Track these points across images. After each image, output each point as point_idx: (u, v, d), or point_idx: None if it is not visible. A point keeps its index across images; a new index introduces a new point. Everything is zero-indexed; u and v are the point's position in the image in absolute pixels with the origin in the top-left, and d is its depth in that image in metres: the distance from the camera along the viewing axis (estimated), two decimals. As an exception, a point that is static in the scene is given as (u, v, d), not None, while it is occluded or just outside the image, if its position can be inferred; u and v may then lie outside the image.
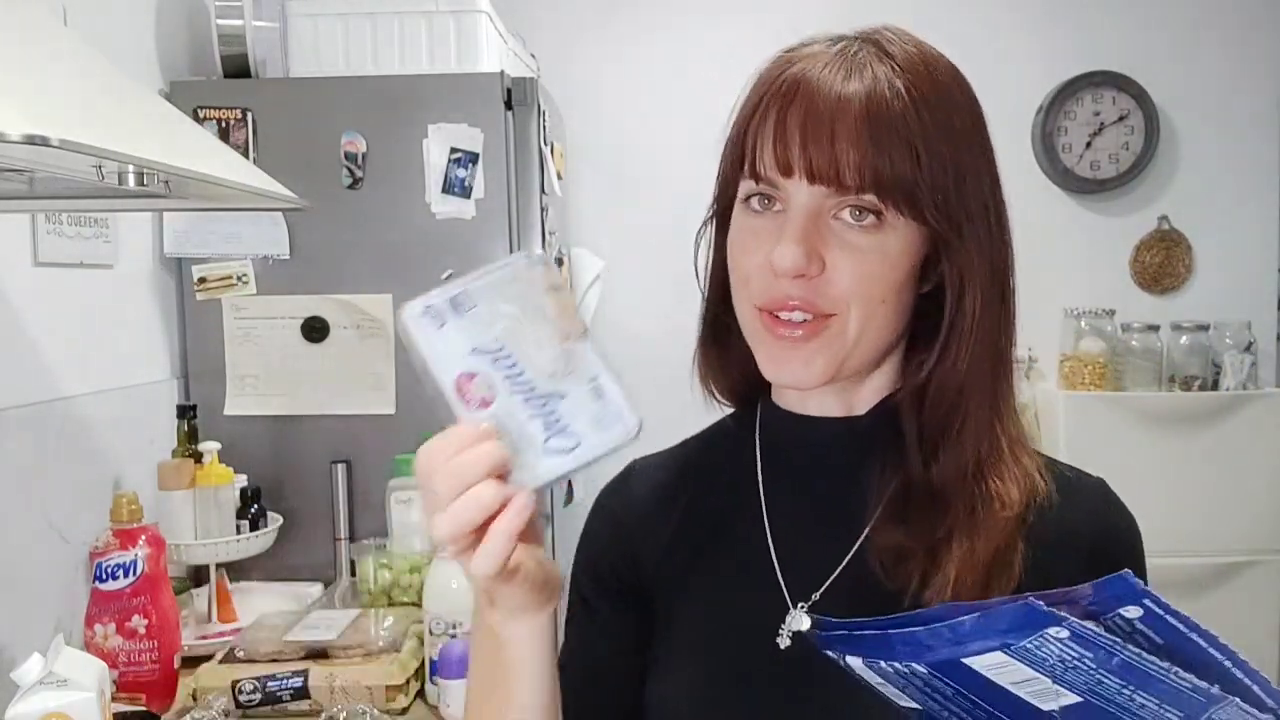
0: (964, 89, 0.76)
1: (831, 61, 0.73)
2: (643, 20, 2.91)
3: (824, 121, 0.70)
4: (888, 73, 0.72)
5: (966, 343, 0.74)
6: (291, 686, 1.42)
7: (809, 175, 0.71)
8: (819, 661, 0.70)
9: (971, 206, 0.73)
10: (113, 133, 0.90)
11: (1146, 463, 2.80)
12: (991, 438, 0.75)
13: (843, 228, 0.72)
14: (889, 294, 0.73)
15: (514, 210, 1.98)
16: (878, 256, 0.72)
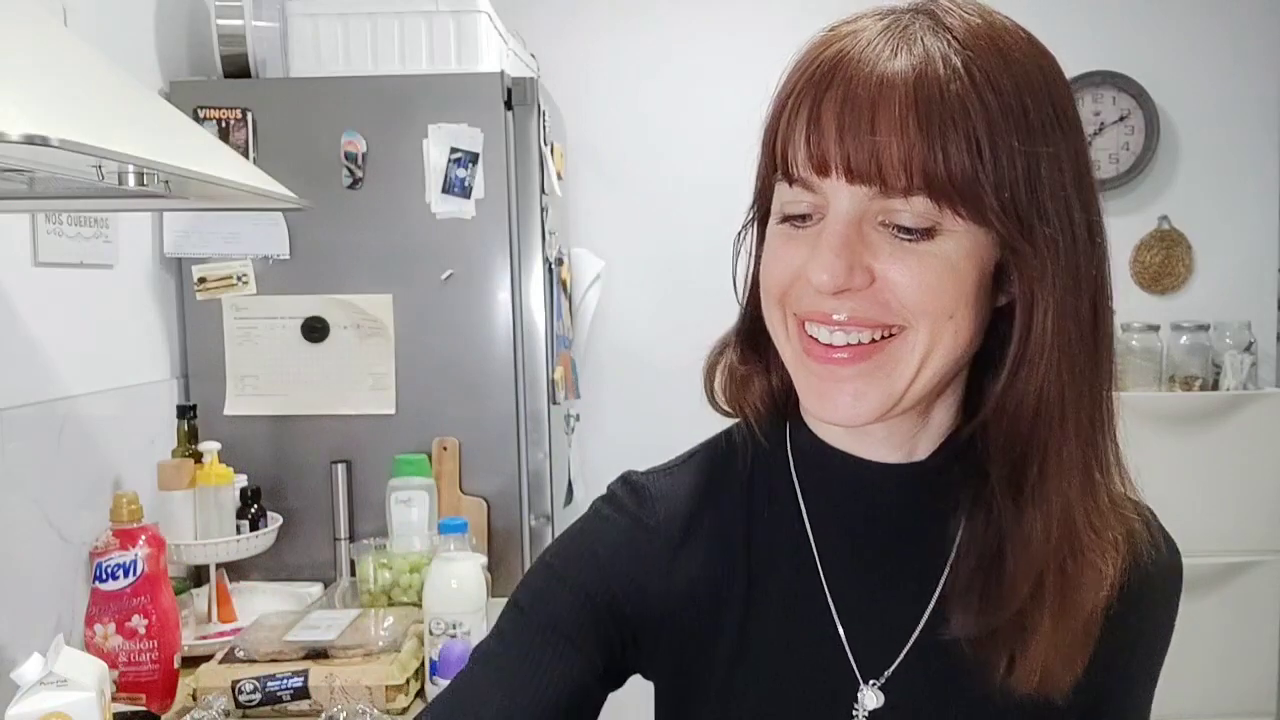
0: (1044, 66, 0.62)
1: (876, 38, 0.60)
2: (643, 20, 2.91)
3: (863, 109, 0.58)
4: (943, 47, 0.59)
5: (1039, 366, 0.62)
6: (291, 686, 1.42)
7: (847, 173, 0.59)
8: None
9: (1048, 207, 0.60)
10: (113, 133, 0.90)
11: (1146, 463, 2.79)
12: (1084, 480, 0.64)
13: (891, 235, 0.60)
14: (958, 307, 0.61)
15: (514, 210, 1.98)
16: (938, 262, 0.60)
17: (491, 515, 2.01)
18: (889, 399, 0.63)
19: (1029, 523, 0.63)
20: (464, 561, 1.52)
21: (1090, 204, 0.63)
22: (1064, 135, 0.62)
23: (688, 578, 0.72)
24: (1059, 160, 0.61)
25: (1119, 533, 0.66)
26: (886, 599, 0.68)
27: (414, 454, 1.94)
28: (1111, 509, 0.65)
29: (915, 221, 0.60)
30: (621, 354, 2.88)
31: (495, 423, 2.01)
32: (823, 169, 0.60)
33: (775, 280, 0.64)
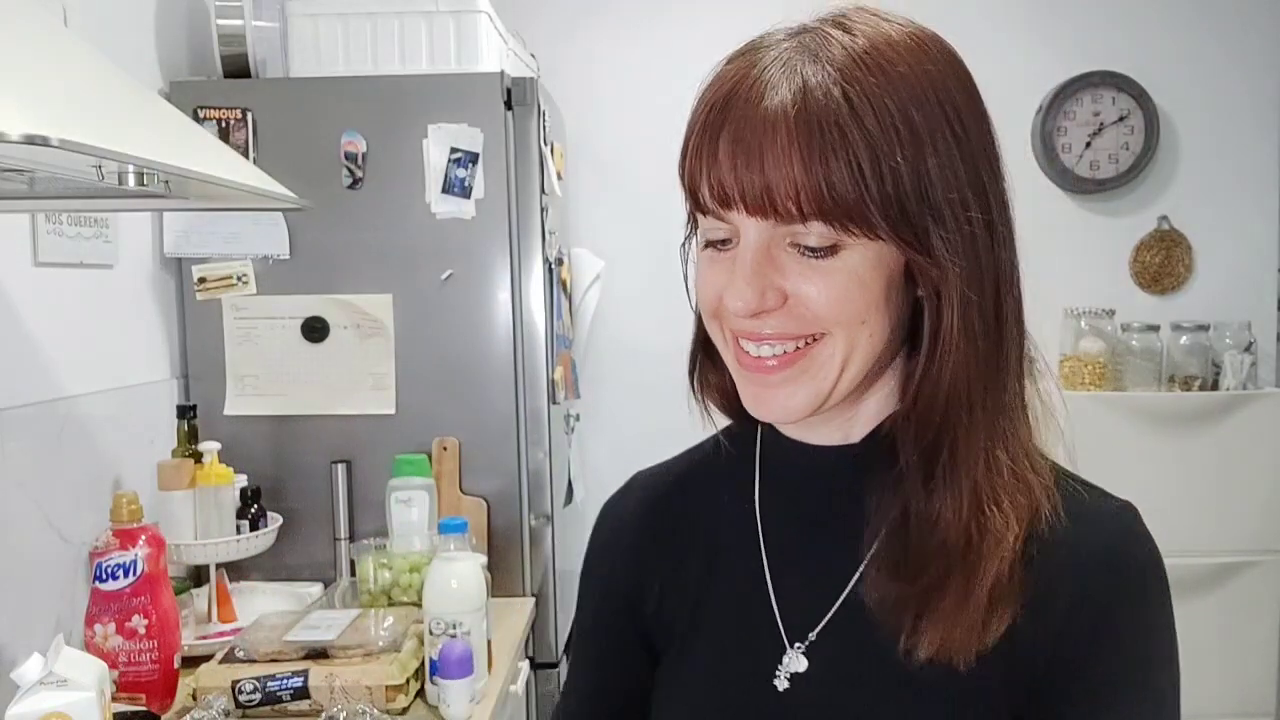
0: (933, 73, 0.66)
1: (762, 74, 0.65)
2: (643, 20, 2.91)
3: (752, 147, 0.63)
4: (822, 77, 0.63)
5: (949, 360, 0.66)
6: (291, 686, 1.42)
7: (746, 208, 0.64)
8: (817, 704, 0.71)
9: (943, 212, 0.64)
10: (113, 133, 0.90)
11: (1146, 463, 2.80)
12: (988, 460, 0.68)
13: (799, 255, 0.65)
14: (869, 313, 0.66)
15: (514, 210, 1.98)
16: (844, 276, 0.65)
17: (491, 515, 2.01)
18: (818, 397, 0.68)
19: (937, 501, 0.68)
20: (464, 561, 1.52)
21: (986, 200, 0.67)
22: (956, 138, 0.65)
23: (671, 561, 0.81)
24: (952, 164, 0.65)
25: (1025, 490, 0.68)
26: (817, 571, 0.73)
27: (414, 454, 1.94)
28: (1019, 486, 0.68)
29: (818, 242, 0.64)
30: (621, 354, 2.88)
31: (495, 423, 2.01)
32: (725, 204, 0.65)
33: (706, 301, 0.70)
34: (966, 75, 0.69)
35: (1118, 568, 0.69)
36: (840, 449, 0.74)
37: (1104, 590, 0.68)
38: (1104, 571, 0.68)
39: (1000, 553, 0.66)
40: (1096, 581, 0.68)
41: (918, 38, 0.68)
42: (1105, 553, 0.69)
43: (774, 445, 0.78)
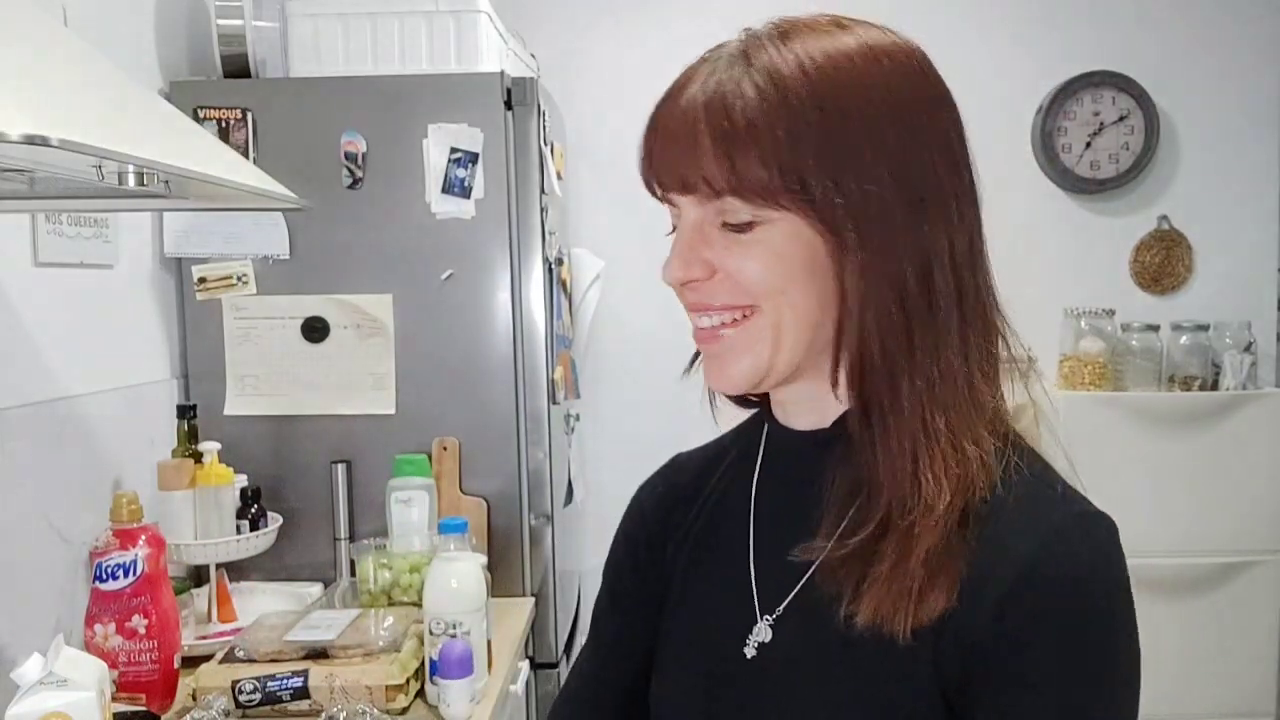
0: (861, 74, 0.70)
1: (689, 74, 0.73)
2: (643, 20, 2.91)
3: (673, 136, 0.72)
4: (739, 75, 0.70)
5: (857, 327, 0.71)
6: (291, 686, 1.42)
7: (674, 188, 0.73)
8: (777, 675, 0.75)
9: (849, 189, 0.69)
10: (113, 133, 0.90)
11: (1146, 463, 2.80)
12: (926, 427, 0.70)
13: (725, 232, 0.72)
14: (788, 285, 0.71)
15: (514, 210, 1.98)
16: (761, 249, 0.71)
17: (491, 515, 2.01)
18: (758, 368, 0.74)
19: (881, 470, 0.71)
20: (464, 561, 1.52)
21: (909, 180, 0.70)
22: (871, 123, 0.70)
23: (682, 532, 0.88)
24: (864, 146, 0.69)
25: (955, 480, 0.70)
26: (791, 547, 0.77)
27: (414, 454, 1.94)
28: (956, 456, 0.70)
29: (736, 218, 0.71)
30: (621, 354, 2.88)
31: (495, 423, 2.01)
32: (664, 188, 0.74)
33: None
34: (914, 76, 0.73)
35: (1054, 579, 0.66)
36: (814, 433, 0.79)
37: (1037, 598, 0.66)
38: (1039, 579, 0.66)
39: (932, 520, 0.68)
40: (1031, 587, 0.66)
41: (862, 47, 0.72)
42: (1045, 560, 0.67)
43: (773, 430, 0.84)
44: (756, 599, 0.79)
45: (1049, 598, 0.66)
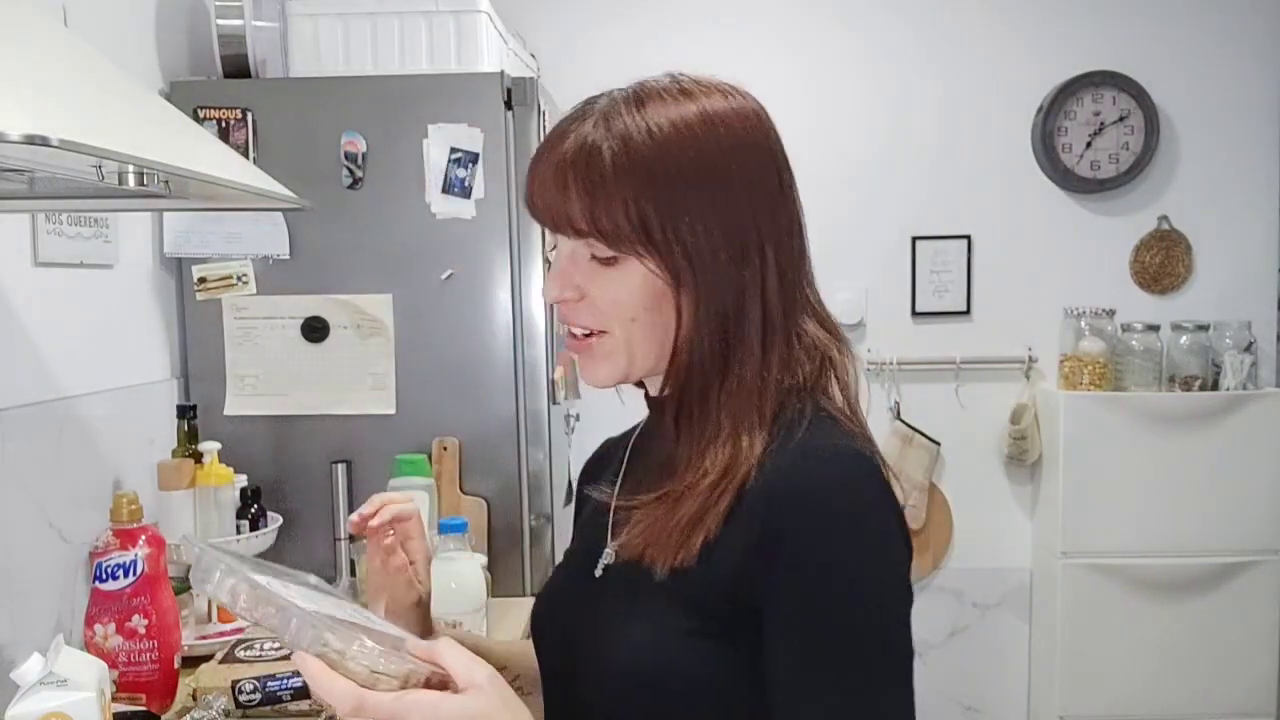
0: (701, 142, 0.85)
1: (568, 125, 0.88)
2: (643, 20, 2.91)
3: (546, 184, 0.87)
4: (597, 136, 0.85)
5: (687, 349, 0.87)
6: (291, 686, 1.42)
7: (548, 226, 0.88)
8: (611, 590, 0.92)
9: (688, 243, 0.85)
10: (113, 133, 0.90)
11: (1146, 463, 2.80)
12: (716, 427, 0.86)
13: (592, 263, 0.87)
14: (638, 313, 0.87)
15: (514, 210, 1.98)
16: (618, 285, 0.87)
17: (491, 515, 2.01)
18: (618, 373, 0.91)
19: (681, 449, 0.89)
20: (464, 561, 1.52)
21: (734, 233, 0.86)
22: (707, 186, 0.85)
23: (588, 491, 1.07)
24: (700, 208, 0.85)
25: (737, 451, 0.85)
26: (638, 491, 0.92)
27: (414, 454, 1.94)
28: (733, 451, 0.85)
29: (601, 253, 0.87)
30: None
31: (495, 423, 2.01)
32: (540, 222, 0.90)
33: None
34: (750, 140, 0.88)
35: (793, 500, 0.81)
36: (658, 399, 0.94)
37: (778, 519, 0.80)
38: (781, 503, 0.81)
39: (697, 495, 0.84)
40: (774, 512, 0.81)
41: (706, 115, 0.87)
42: (786, 488, 0.81)
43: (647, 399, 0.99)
44: (610, 531, 0.95)
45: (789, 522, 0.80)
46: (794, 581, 0.79)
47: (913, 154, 2.94)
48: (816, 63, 2.93)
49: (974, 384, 3.00)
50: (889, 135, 2.94)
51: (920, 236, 2.95)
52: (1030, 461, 2.94)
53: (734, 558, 0.82)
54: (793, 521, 0.80)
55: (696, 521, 0.83)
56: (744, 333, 0.88)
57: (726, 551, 0.82)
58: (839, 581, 0.79)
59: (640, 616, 0.86)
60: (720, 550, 0.82)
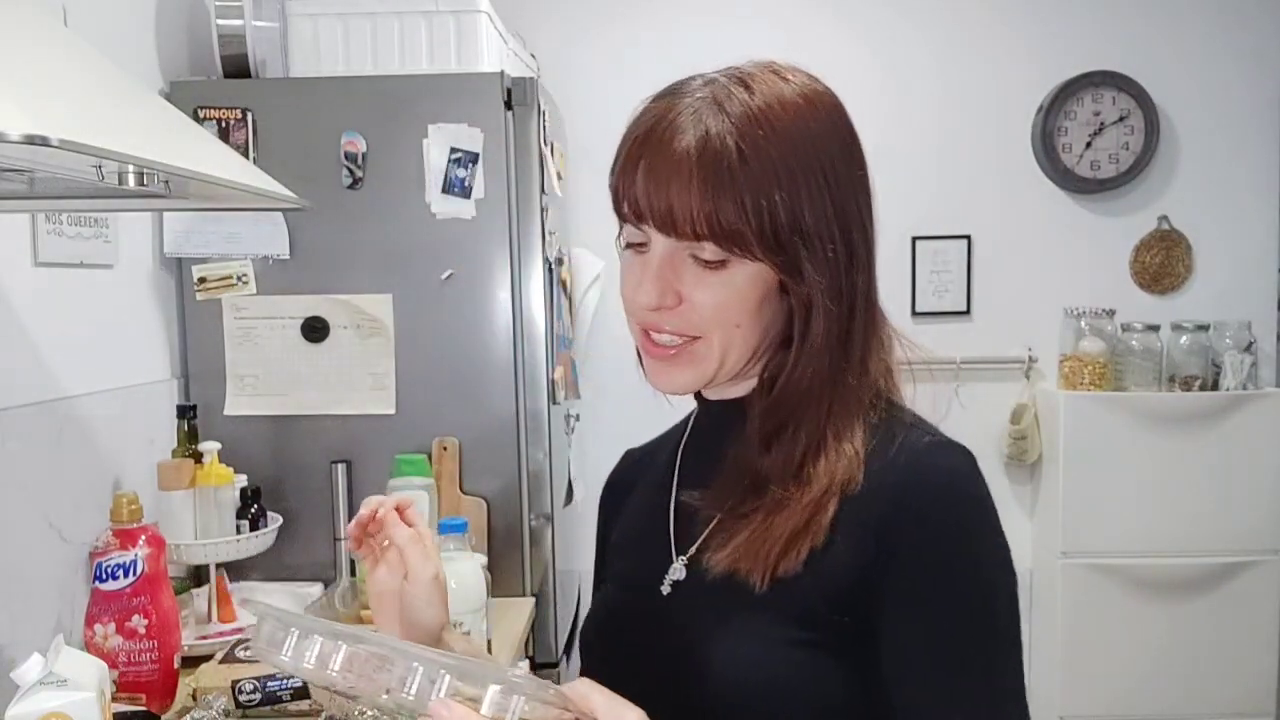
0: (811, 126, 0.81)
1: (676, 116, 0.81)
2: (643, 20, 2.92)
3: (661, 178, 0.80)
4: (721, 127, 0.79)
5: (812, 361, 0.83)
6: (291, 686, 1.42)
7: (656, 226, 0.81)
8: (683, 608, 0.87)
9: (813, 243, 0.81)
10: (113, 133, 0.90)
11: (1146, 463, 2.80)
12: (820, 442, 0.83)
13: (695, 266, 0.82)
14: (743, 319, 0.83)
15: (514, 210, 1.98)
16: (726, 290, 0.81)
17: (491, 515, 2.01)
18: (702, 378, 0.86)
19: (769, 462, 0.84)
20: (464, 561, 1.52)
21: (849, 233, 0.83)
22: (828, 182, 0.81)
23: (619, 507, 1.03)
24: (821, 203, 0.81)
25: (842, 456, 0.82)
26: (702, 497, 0.89)
27: (414, 454, 1.94)
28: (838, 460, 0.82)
29: (710, 256, 0.81)
30: (621, 354, 2.86)
31: (495, 423, 2.01)
32: (639, 219, 0.82)
33: (623, 294, 0.87)
34: (846, 128, 0.85)
35: (908, 493, 0.79)
36: (727, 402, 0.90)
37: (896, 512, 0.79)
38: (896, 498, 0.79)
39: (800, 509, 0.81)
40: (890, 507, 0.79)
41: (807, 98, 0.83)
42: (899, 483, 0.80)
43: (698, 401, 0.96)
44: (674, 543, 0.90)
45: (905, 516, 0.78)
46: (923, 579, 0.78)
47: (913, 154, 2.94)
48: (817, 62, 2.88)
49: (974, 384, 3.00)
50: (889, 135, 2.94)
51: (920, 236, 2.95)
52: (1030, 461, 2.95)
53: (845, 562, 0.79)
54: (916, 520, 0.78)
55: (801, 532, 0.80)
56: (852, 335, 0.85)
57: (835, 558, 0.79)
58: (969, 576, 0.79)
59: (739, 632, 0.81)
60: (828, 557, 0.79)
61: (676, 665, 0.84)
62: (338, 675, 0.64)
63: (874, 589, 0.78)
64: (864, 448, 0.82)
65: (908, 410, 0.88)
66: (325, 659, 0.64)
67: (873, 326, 0.87)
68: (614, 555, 1.01)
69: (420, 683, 0.62)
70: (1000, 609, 0.79)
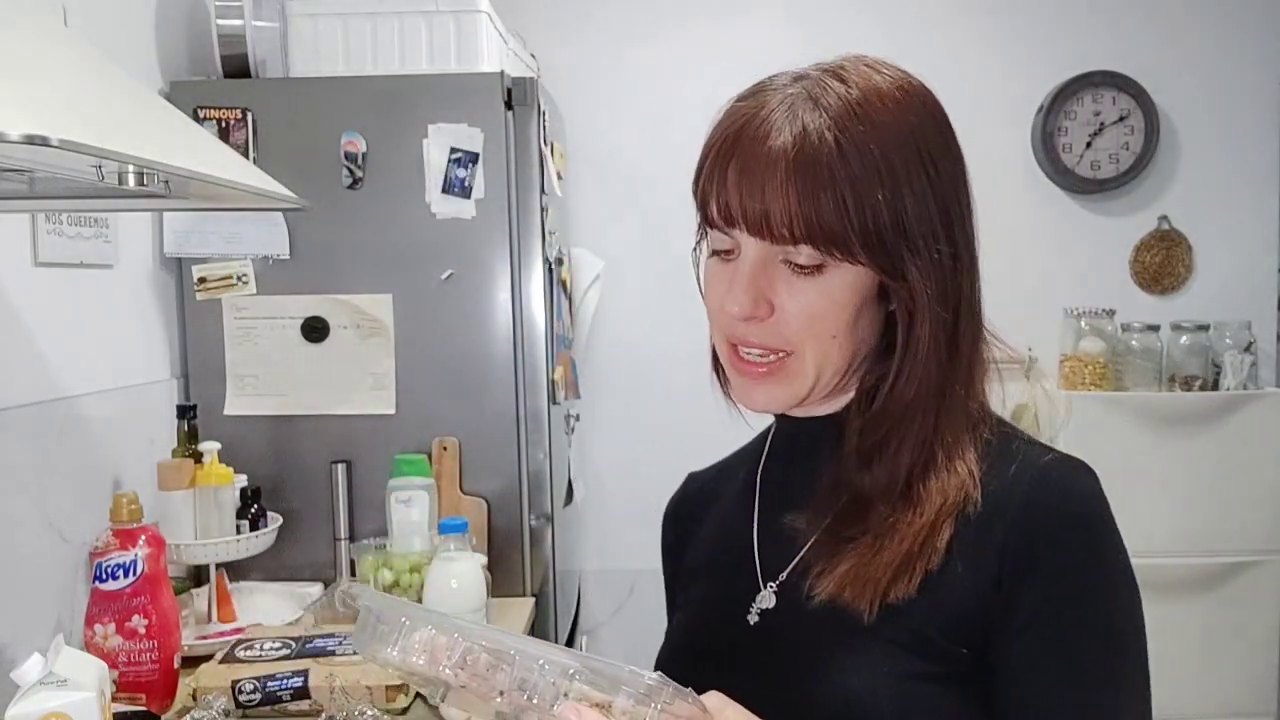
0: (913, 122, 0.77)
1: (769, 114, 0.75)
2: (643, 20, 2.91)
3: (755, 178, 0.74)
4: (818, 123, 0.74)
5: (917, 371, 0.78)
6: (291, 686, 1.42)
7: (747, 229, 0.75)
8: (775, 637, 0.82)
9: (917, 243, 0.75)
10: (113, 133, 0.90)
11: (1146, 463, 2.80)
12: (927, 453, 0.78)
13: (789, 272, 0.76)
14: (839, 330, 0.77)
15: (514, 210, 1.98)
16: (823, 298, 0.76)
17: (491, 515, 2.01)
18: (795, 396, 0.80)
19: (869, 480, 0.79)
20: (464, 561, 1.53)
21: (953, 232, 0.78)
22: (930, 179, 0.76)
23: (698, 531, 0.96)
24: (925, 202, 0.76)
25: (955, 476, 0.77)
26: (792, 521, 0.84)
27: (414, 454, 1.94)
28: (950, 479, 0.77)
29: (806, 261, 0.75)
30: (621, 354, 2.87)
31: (495, 423, 2.01)
32: (729, 223, 0.77)
33: (709, 304, 0.82)
34: (944, 121, 0.80)
35: (1036, 514, 0.75)
36: (813, 420, 0.85)
37: (1023, 534, 0.74)
38: (1023, 519, 0.74)
39: (912, 533, 0.75)
40: (1017, 528, 0.74)
41: (904, 89, 0.78)
42: (1025, 503, 0.75)
43: (781, 418, 0.90)
44: (759, 570, 0.85)
45: (1034, 536, 0.74)
46: (1057, 606, 0.73)
47: (913, 154, 2.94)
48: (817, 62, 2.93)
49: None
50: (889, 135, 2.94)
51: (920, 236, 2.95)
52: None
53: (962, 588, 0.74)
54: (1049, 544, 0.74)
55: (915, 557, 0.75)
56: (958, 342, 0.79)
57: (951, 583, 0.74)
58: (1105, 604, 0.75)
59: (846, 666, 0.76)
60: (944, 583, 0.74)
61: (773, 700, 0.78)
62: (449, 672, 0.60)
63: (995, 616, 0.74)
64: (978, 465, 0.77)
65: (1014, 425, 0.83)
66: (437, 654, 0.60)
67: (979, 333, 0.82)
68: (689, 581, 0.95)
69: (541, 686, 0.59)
70: (1134, 640, 0.75)
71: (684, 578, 0.96)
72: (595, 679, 0.59)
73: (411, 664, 0.61)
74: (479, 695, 0.60)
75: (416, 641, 0.61)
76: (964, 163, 0.80)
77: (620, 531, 2.80)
